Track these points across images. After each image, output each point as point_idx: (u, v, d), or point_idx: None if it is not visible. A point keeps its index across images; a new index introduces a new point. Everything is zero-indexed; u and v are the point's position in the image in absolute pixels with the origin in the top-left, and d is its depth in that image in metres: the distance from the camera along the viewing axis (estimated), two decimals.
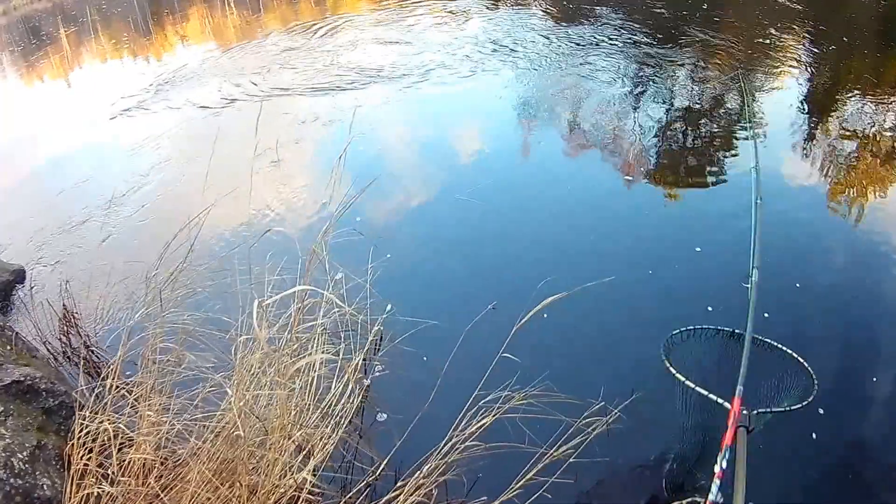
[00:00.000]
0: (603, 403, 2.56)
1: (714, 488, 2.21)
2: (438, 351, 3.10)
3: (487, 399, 2.44)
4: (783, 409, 2.61)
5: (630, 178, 5.42)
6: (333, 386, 2.75)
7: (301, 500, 2.57)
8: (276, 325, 2.47)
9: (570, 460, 2.40)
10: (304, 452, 2.78)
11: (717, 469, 2.26)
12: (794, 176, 5.25)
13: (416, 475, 2.43)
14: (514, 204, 5.08)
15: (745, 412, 2.48)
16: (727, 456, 2.30)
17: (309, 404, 2.71)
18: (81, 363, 3.49)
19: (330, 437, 2.87)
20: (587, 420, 2.43)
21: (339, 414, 2.89)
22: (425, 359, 3.36)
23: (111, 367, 2.75)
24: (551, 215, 4.87)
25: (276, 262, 3.00)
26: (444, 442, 2.43)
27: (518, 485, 2.36)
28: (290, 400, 2.56)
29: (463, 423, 2.44)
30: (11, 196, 6.31)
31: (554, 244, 4.48)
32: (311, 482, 2.52)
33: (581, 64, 7.55)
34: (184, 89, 8.26)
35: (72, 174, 6.44)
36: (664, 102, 6.67)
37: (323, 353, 2.65)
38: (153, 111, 7.70)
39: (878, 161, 5.48)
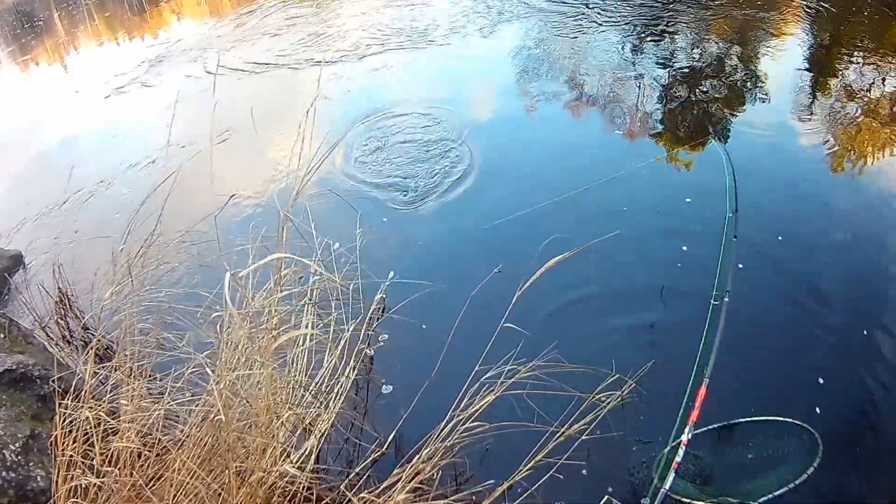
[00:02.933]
0: (617, 375, 2.31)
1: (681, 452, 2.41)
2: (442, 320, 2.89)
3: (489, 374, 2.20)
4: None
5: (632, 136, 5.23)
6: (326, 360, 2.53)
7: (296, 487, 2.39)
8: (259, 298, 2.23)
9: (583, 437, 2.17)
10: (298, 434, 2.61)
11: (683, 438, 2.45)
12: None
13: (414, 460, 2.21)
14: (517, 161, 4.86)
15: None
16: (692, 430, 2.47)
17: (300, 382, 2.51)
18: (79, 346, 3.35)
19: (325, 415, 2.69)
20: (600, 394, 2.18)
21: (336, 391, 2.70)
22: (424, 327, 3.16)
23: (88, 351, 2.58)
24: (557, 171, 4.66)
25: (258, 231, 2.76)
26: (443, 423, 2.20)
27: (526, 467, 2.14)
28: (278, 378, 2.36)
29: (465, 401, 2.20)
30: (7, 181, 6.17)
31: (561, 202, 4.18)
32: (307, 467, 2.34)
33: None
34: (177, 64, 8.07)
35: (68, 155, 6.29)
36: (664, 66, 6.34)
37: (311, 325, 2.43)
38: (148, 86, 7.54)
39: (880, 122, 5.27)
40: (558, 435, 2.12)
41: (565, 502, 2.45)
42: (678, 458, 2.40)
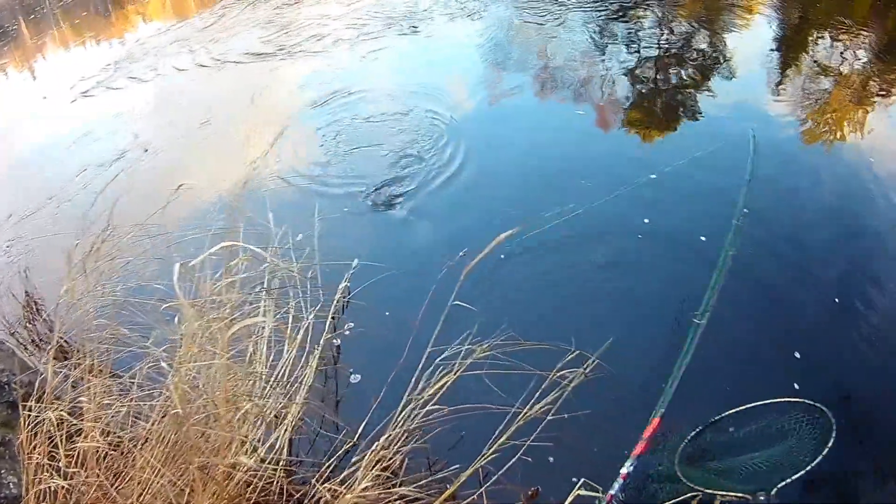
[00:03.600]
0: (578, 352, 2.29)
1: (616, 486, 2.35)
2: (408, 305, 2.86)
3: (444, 356, 2.16)
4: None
5: (595, 116, 5.29)
6: (287, 350, 2.49)
7: (263, 481, 2.36)
8: (210, 287, 2.19)
9: (549, 417, 2.15)
10: (267, 428, 2.58)
11: (623, 471, 2.39)
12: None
13: (374, 446, 2.18)
14: (478, 145, 4.84)
15: None
16: (634, 464, 2.41)
17: (262, 373, 2.47)
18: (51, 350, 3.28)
19: (293, 407, 2.65)
20: (562, 371, 2.16)
21: (302, 381, 2.67)
22: (388, 314, 3.12)
23: (49, 351, 2.53)
24: (521, 153, 4.68)
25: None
26: (400, 407, 2.17)
27: (490, 451, 2.11)
28: (237, 370, 2.32)
29: (421, 384, 2.17)
30: None
31: (523, 182, 4.28)
32: (274, 460, 2.31)
33: None
34: (142, 65, 7.95)
35: (36, 160, 6.20)
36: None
37: (269, 314, 2.39)
38: (113, 88, 7.41)
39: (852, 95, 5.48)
40: (521, 417, 2.09)
41: (537, 487, 2.45)
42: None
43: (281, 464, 2.30)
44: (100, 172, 5.29)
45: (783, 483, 2.35)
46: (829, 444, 2.40)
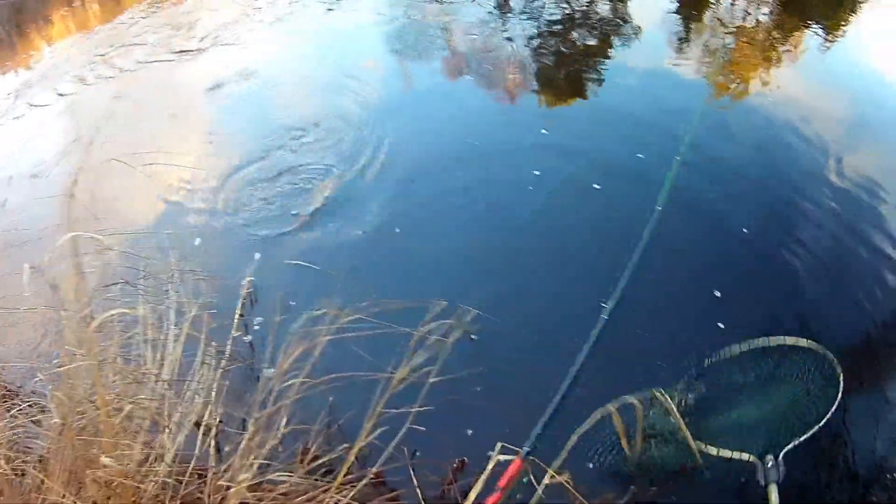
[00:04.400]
0: (446, 303, 2.13)
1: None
2: (316, 295, 2.71)
3: (301, 322, 2.03)
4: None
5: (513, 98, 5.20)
6: (172, 348, 2.37)
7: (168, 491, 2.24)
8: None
9: (431, 380, 2.00)
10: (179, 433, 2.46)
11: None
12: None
13: (244, 437, 2.05)
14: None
15: None
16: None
17: (157, 375, 2.36)
18: None
19: (206, 409, 2.53)
20: (437, 326, 2.01)
21: (210, 381, 2.54)
22: (294, 303, 2.99)
23: None
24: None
25: None
26: (259, 389, 2.04)
27: (370, 423, 1.96)
28: (122, 372, 2.22)
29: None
30: None
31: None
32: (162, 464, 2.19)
33: None
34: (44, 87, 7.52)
35: None
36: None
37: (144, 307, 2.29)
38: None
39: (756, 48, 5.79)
40: (396, 381, 1.95)
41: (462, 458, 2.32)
42: None
43: (173, 468, 2.17)
44: None
45: (791, 445, 2.25)
46: (838, 400, 2.29)
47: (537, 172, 3.84)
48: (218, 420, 2.48)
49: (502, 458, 2.23)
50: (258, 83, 5.49)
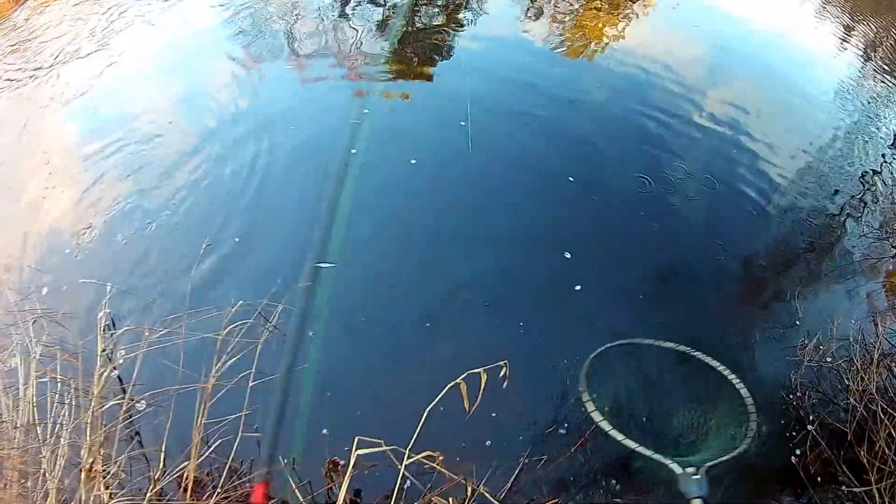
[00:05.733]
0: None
1: None
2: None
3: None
4: None
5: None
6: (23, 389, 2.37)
7: None
8: None
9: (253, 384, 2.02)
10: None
11: None
12: None
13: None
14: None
15: None
16: None
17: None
18: None
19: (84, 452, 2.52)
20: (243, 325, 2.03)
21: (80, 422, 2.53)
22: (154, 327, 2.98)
23: None
24: None
25: None
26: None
27: (199, 435, 1.97)
28: None
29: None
30: None
31: None
32: None
33: None
34: None
35: None
36: None
37: None
38: None
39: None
40: (209, 389, 1.96)
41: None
42: None
43: None
44: None
45: (712, 463, 2.23)
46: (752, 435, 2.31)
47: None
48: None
49: (362, 452, 2.22)
50: None
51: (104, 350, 2.85)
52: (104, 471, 2.42)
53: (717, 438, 2.43)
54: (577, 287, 3.17)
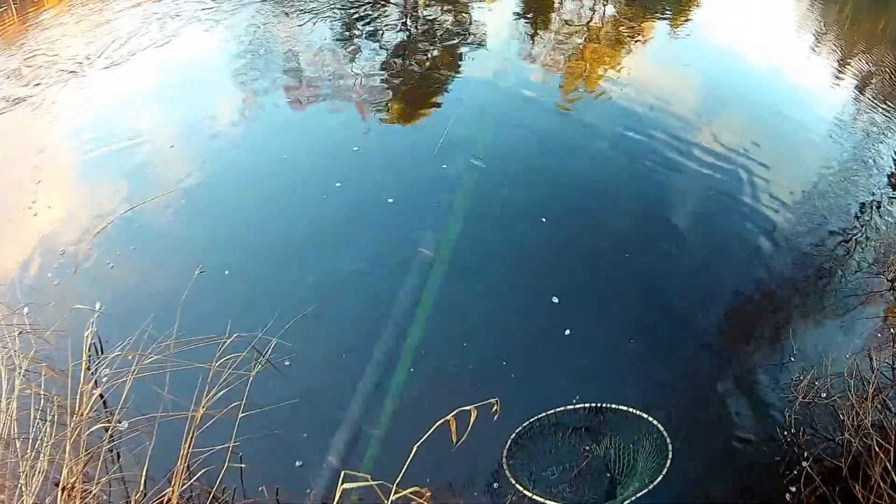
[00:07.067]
0: (251, 334, 2.13)
1: None
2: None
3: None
4: None
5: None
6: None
7: None
8: None
9: (242, 415, 1.97)
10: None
11: None
12: None
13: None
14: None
15: None
16: None
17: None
18: None
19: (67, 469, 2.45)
20: (237, 357, 1.99)
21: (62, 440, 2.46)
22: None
23: None
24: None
25: None
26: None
27: (184, 460, 1.92)
28: None
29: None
30: None
31: None
32: None
33: None
34: None
35: None
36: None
37: None
38: None
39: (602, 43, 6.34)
40: (200, 418, 1.91)
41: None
42: None
43: None
44: None
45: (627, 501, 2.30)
46: (667, 467, 2.38)
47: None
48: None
49: (348, 486, 2.18)
50: None
51: (89, 369, 2.81)
52: (84, 490, 2.37)
53: (642, 473, 2.51)
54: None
